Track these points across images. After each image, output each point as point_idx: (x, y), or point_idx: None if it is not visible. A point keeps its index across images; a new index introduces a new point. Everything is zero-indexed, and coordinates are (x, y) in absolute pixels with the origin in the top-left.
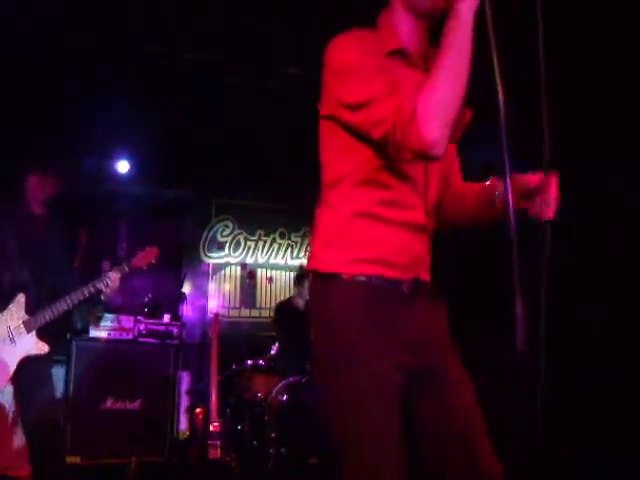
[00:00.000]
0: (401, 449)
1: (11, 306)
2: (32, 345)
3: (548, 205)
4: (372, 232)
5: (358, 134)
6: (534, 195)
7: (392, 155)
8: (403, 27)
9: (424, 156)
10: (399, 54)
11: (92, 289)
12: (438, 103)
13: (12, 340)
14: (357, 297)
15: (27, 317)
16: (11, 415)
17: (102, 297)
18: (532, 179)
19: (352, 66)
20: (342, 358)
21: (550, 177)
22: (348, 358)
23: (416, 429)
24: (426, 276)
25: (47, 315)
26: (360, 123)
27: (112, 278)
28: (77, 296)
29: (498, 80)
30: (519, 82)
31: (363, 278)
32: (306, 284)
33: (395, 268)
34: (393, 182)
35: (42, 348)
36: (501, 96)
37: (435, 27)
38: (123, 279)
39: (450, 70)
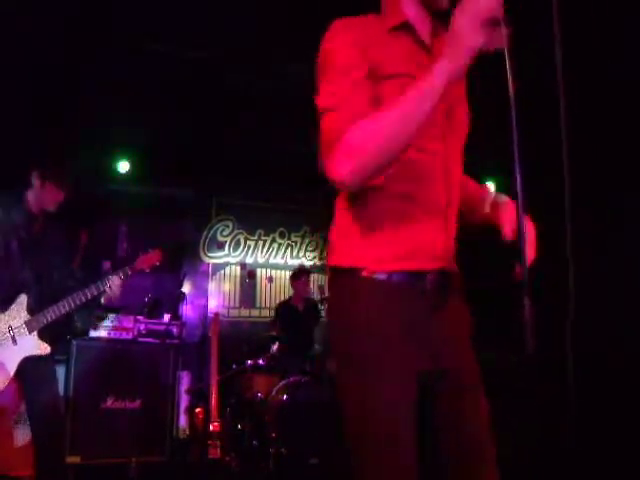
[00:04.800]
0: (414, 450)
1: (13, 306)
2: (33, 345)
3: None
4: (394, 222)
5: None
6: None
7: None
8: (407, 9)
9: (335, 184)
10: (404, 28)
11: (94, 291)
12: (365, 142)
13: (14, 340)
14: (377, 298)
15: (29, 317)
16: (13, 416)
17: (102, 300)
18: (507, 231)
19: (327, 62)
20: (359, 358)
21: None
22: (365, 358)
23: (430, 429)
24: (453, 266)
25: (49, 316)
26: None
27: (114, 282)
28: (79, 298)
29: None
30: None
31: (383, 275)
32: (302, 279)
33: (419, 259)
34: (411, 172)
35: (44, 349)
36: (513, 102)
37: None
38: (124, 283)
39: (398, 117)
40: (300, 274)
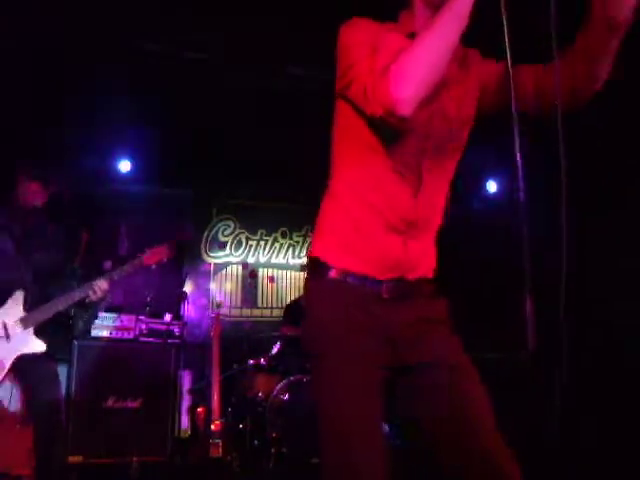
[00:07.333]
0: (381, 442)
1: (8, 302)
2: (28, 342)
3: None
4: (361, 227)
5: (352, 108)
6: None
7: (366, 113)
8: (422, 22)
9: (391, 113)
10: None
11: (81, 294)
12: (413, 64)
13: (7, 336)
14: (340, 297)
15: (24, 314)
16: (13, 414)
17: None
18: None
19: (351, 43)
20: (321, 353)
21: None
22: (326, 353)
23: (423, 428)
24: (412, 275)
25: (44, 313)
26: (343, 87)
27: (99, 286)
28: (71, 298)
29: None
30: None
31: (345, 275)
32: None
33: (371, 268)
34: (387, 178)
35: (39, 346)
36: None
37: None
38: (112, 286)
39: (433, 38)
40: None
